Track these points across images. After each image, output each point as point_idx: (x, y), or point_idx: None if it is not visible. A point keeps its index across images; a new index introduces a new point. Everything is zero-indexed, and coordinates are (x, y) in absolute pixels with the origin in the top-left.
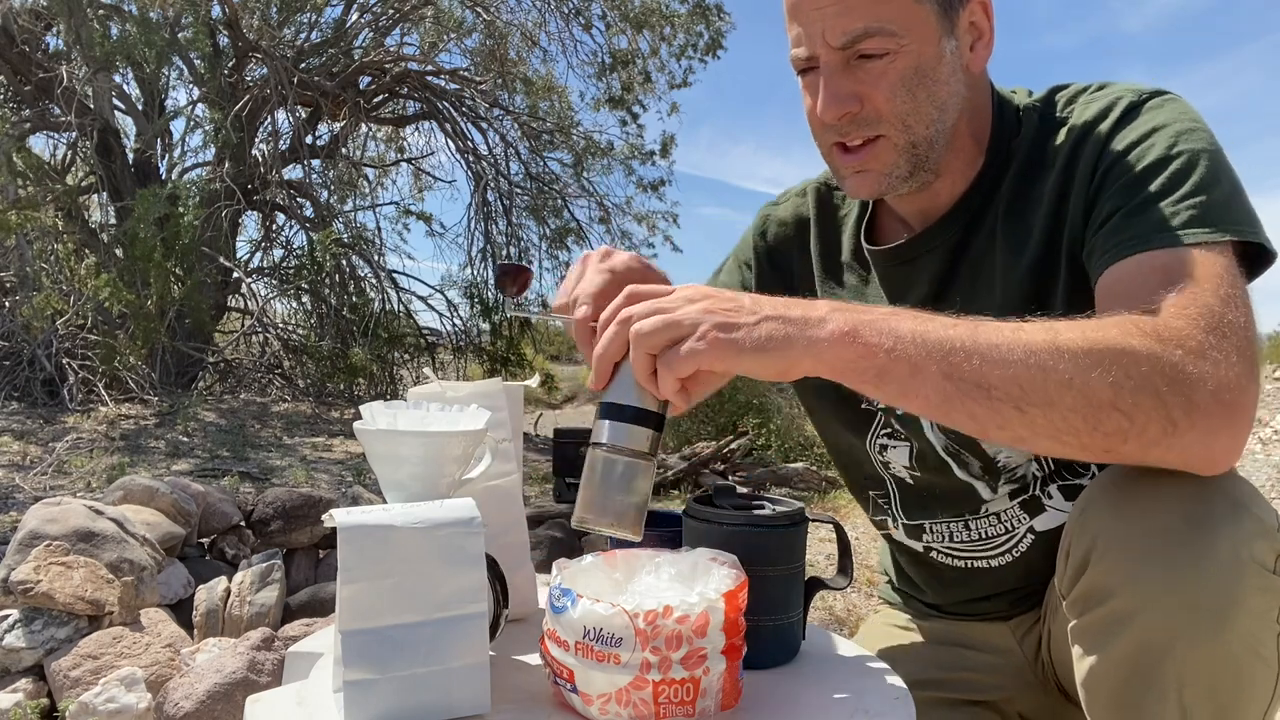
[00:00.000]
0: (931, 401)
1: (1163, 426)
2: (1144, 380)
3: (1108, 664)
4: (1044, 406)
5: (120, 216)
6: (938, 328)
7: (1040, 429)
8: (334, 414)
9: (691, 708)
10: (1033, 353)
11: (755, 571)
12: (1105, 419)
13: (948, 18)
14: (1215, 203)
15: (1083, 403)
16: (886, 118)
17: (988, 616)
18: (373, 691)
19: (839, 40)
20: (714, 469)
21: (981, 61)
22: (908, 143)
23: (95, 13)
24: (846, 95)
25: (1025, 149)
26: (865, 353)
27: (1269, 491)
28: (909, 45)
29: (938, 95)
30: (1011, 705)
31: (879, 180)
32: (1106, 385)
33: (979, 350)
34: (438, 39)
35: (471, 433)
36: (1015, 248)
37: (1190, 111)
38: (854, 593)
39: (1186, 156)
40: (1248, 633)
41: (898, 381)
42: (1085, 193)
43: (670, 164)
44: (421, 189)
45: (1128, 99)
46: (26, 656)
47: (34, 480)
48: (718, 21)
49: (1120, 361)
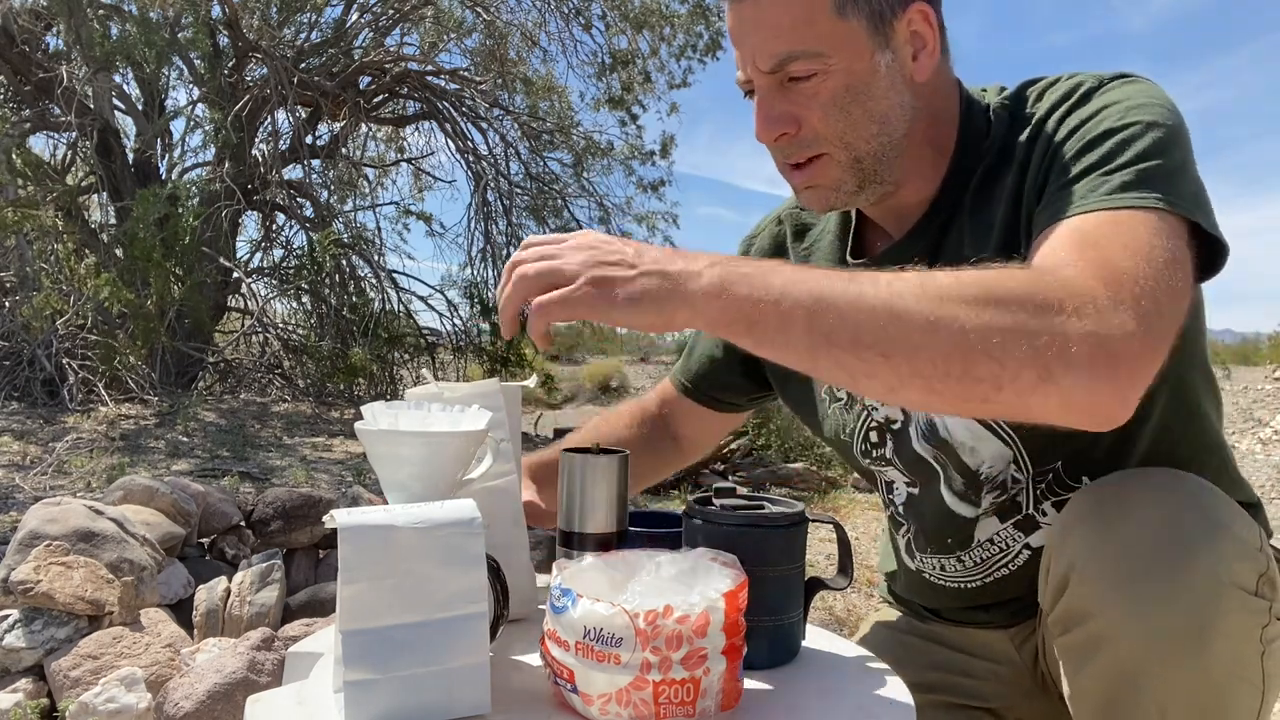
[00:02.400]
0: (800, 352)
1: (1037, 373)
2: (1017, 325)
3: (1088, 685)
4: (909, 351)
5: (120, 216)
6: (812, 278)
7: (907, 376)
8: (334, 414)
9: (692, 708)
10: (899, 295)
11: (755, 571)
12: (975, 364)
13: (880, 32)
14: (1153, 172)
15: (949, 346)
16: (824, 136)
17: (987, 625)
18: (373, 691)
19: (767, 64)
20: (714, 469)
21: (926, 70)
22: (850, 159)
23: (95, 13)
24: (780, 117)
25: (997, 146)
26: (734, 304)
27: (1269, 491)
28: (836, 64)
29: (875, 110)
30: (1012, 713)
31: (829, 195)
32: (976, 328)
33: (846, 297)
34: (438, 39)
35: (472, 433)
36: (979, 242)
37: (1150, 89)
38: (854, 593)
39: (1132, 128)
40: (1229, 655)
41: (767, 333)
42: (1038, 176)
43: (670, 164)
44: (421, 189)
45: (1088, 84)
46: (26, 656)
47: (34, 480)
48: (718, 21)
49: (992, 304)
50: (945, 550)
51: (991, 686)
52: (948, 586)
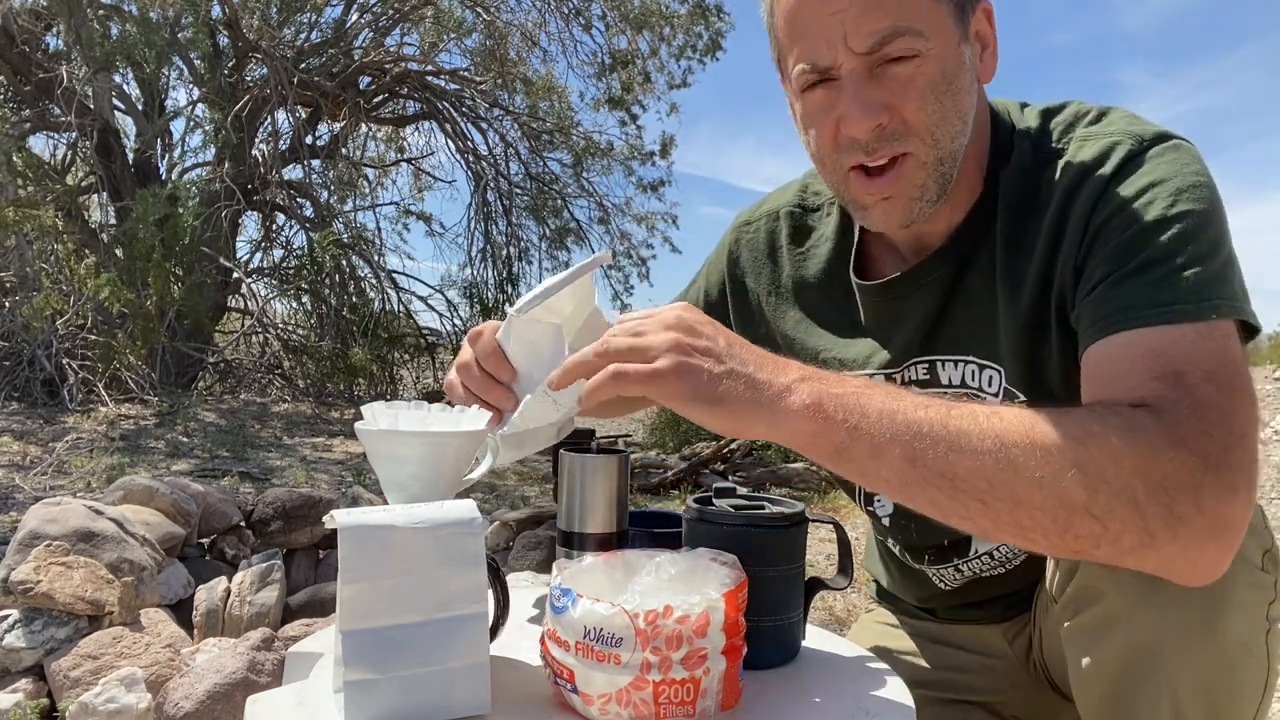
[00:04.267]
0: (892, 484)
1: (1139, 537)
2: (1122, 486)
3: (1099, 664)
4: (1010, 503)
5: (120, 216)
6: (908, 407)
7: (1005, 524)
8: (334, 414)
9: (692, 708)
10: (1004, 445)
11: (755, 572)
12: (1077, 522)
13: (962, 22)
14: (1210, 275)
15: (1053, 503)
16: (915, 130)
17: (980, 621)
18: (373, 691)
19: (865, 43)
20: (714, 469)
21: (991, 72)
22: (935, 159)
23: (95, 13)
24: (877, 104)
25: (1018, 182)
26: (826, 427)
27: (1269, 491)
28: (934, 48)
29: (962, 105)
30: (1007, 709)
31: (909, 206)
32: (1080, 487)
33: (947, 437)
34: (438, 39)
35: (472, 433)
36: (1011, 297)
37: (1192, 164)
38: (854, 593)
39: (1183, 221)
40: (1240, 630)
41: (857, 460)
42: (1076, 250)
43: (670, 164)
44: (421, 189)
45: (1127, 145)
46: (26, 656)
47: (34, 480)
48: (718, 22)
49: (1097, 463)
50: (943, 560)
51: (984, 680)
52: (942, 588)
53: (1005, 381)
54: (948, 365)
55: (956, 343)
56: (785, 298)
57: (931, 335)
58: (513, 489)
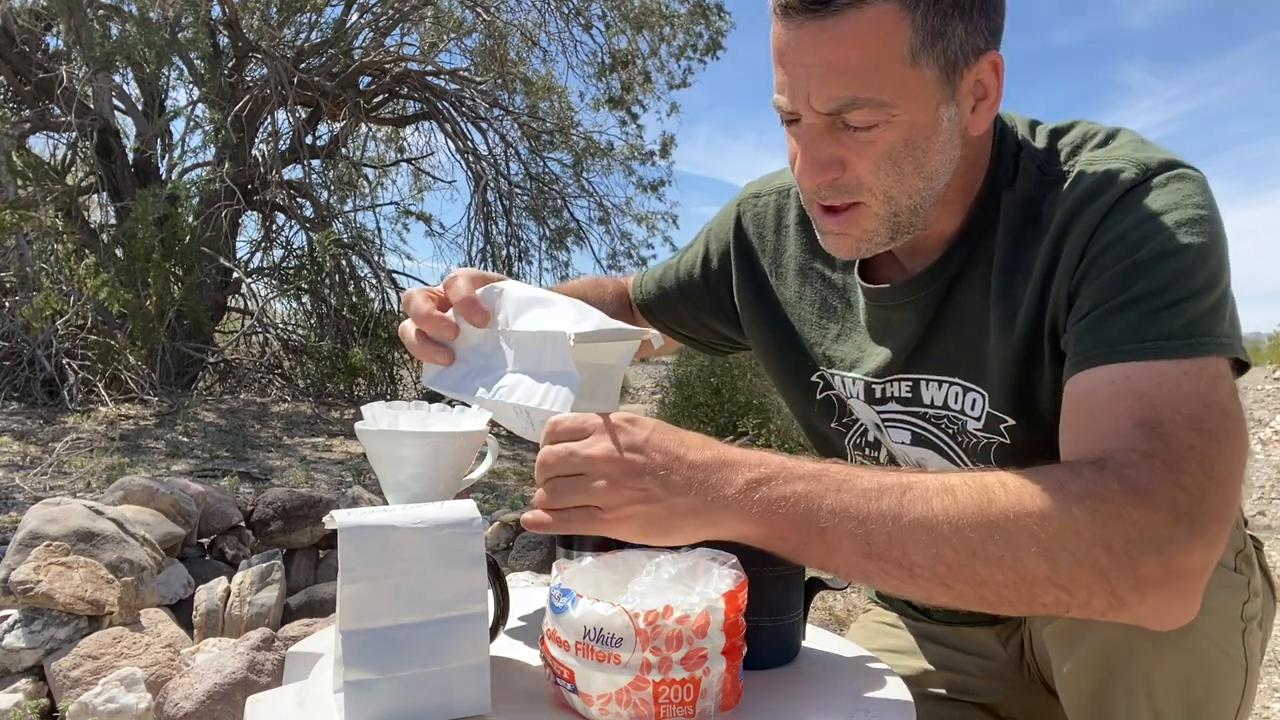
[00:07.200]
0: (853, 576)
1: (1106, 601)
2: (1084, 554)
3: (1078, 668)
4: (973, 583)
5: (120, 216)
6: (860, 501)
7: (970, 600)
8: (334, 414)
9: (692, 708)
10: (959, 530)
11: (755, 572)
12: (1041, 593)
13: (950, 83)
14: (1201, 312)
15: (1014, 579)
16: (868, 187)
17: (973, 622)
18: (373, 692)
19: (825, 106)
20: None
21: (983, 124)
22: (889, 213)
23: (95, 13)
24: (827, 161)
25: (1020, 202)
26: (780, 534)
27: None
28: (900, 116)
29: (926, 166)
30: (1004, 710)
31: (857, 244)
32: (1041, 561)
33: (901, 529)
34: (438, 39)
35: (472, 434)
36: (1004, 321)
37: (1196, 195)
38: (854, 593)
39: (1179, 255)
40: (1214, 631)
41: (815, 558)
42: (1070, 277)
43: (670, 164)
44: (421, 189)
45: (1130, 173)
46: (26, 656)
47: (34, 480)
48: (718, 21)
49: (1057, 537)
50: None
51: (981, 681)
52: None
53: (989, 405)
54: (931, 385)
55: (943, 363)
56: (784, 276)
57: (918, 353)
58: (513, 489)
